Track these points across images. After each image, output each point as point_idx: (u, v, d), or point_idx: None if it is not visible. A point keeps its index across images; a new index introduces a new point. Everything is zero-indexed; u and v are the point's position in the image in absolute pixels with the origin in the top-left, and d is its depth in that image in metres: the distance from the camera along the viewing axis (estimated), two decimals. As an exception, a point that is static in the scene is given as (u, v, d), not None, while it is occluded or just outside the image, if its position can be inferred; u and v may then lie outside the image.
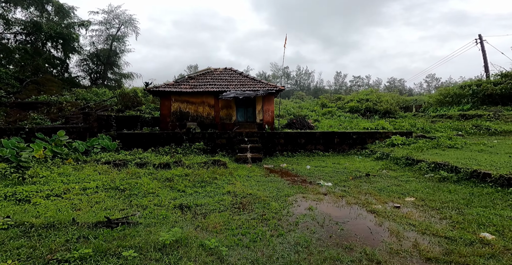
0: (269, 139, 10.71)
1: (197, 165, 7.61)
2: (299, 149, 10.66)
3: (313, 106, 23.76)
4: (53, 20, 26.83)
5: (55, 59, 29.65)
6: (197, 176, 6.53)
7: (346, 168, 7.90)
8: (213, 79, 13.10)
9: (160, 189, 5.57)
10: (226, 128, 12.06)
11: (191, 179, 6.29)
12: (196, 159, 8.34)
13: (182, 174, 6.60)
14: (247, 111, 12.56)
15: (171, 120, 11.86)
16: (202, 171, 6.98)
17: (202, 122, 12.00)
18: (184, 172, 6.80)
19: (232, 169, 7.67)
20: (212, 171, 6.99)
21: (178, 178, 6.30)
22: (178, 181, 6.09)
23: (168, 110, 11.85)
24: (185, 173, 6.72)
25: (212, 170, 7.10)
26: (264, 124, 12.12)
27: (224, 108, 12.15)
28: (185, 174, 6.65)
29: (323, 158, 9.87)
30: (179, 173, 6.62)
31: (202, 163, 7.81)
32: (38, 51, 23.29)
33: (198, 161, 8.14)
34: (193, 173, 6.78)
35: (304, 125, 12.24)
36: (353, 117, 19.49)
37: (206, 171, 7.07)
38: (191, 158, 8.51)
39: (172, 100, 11.86)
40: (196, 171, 7.03)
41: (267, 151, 10.63)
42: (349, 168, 7.84)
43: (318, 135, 10.68)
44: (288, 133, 10.72)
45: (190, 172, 6.85)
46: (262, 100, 12.25)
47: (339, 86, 79.71)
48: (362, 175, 6.88)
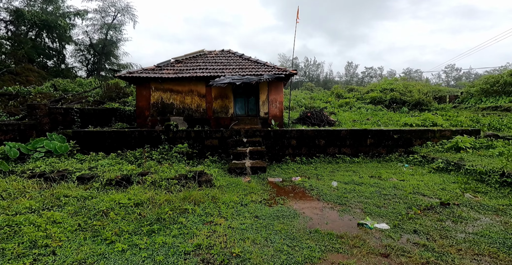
0: (277, 140, 7.95)
1: (166, 182, 5.00)
2: (317, 154, 7.87)
3: (326, 97, 20.67)
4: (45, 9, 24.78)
5: (50, 49, 27.78)
6: (154, 207, 3.91)
7: (397, 186, 5.10)
8: (205, 62, 10.33)
9: (70, 236, 3.01)
10: (221, 124, 9.38)
11: (142, 214, 3.69)
12: (171, 171, 5.73)
13: (131, 203, 3.99)
14: (248, 102, 9.80)
15: (150, 114, 9.27)
16: (169, 196, 4.35)
17: (190, 116, 9.35)
18: (138, 197, 4.18)
19: (219, 188, 5.02)
20: (184, 196, 4.35)
21: (119, 212, 3.69)
22: (114, 220, 3.49)
23: (146, 101, 9.24)
24: (139, 199, 4.11)
25: (185, 193, 4.45)
26: (269, 118, 9.36)
27: (218, 99, 9.44)
28: (136, 202, 4.04)
29: (352, 166, 7.07)
30: (126, 201, 4.00)
31: (177, 178, 5.19)
32: (21, 40, 21.07)
33: (172, 173, 5.52)
34: (152, 199, 4.16)
35: (322, 120, 9.41)
36: (376, 109, 16.38)
37: (175, 195, 4.45)
38: (164, 169, 5.91)
39: (151, 89, 9.23)
40: (159, 194, 4.41)
41: (273, 156, 7.89)
42: (402, 187, 5.04)
43: (344, 135, 7.84)
44: (303, 131, 7.93)
45: (148, 197, 4.24)
46: (268, 88, 9.43)
47: (350, 77, 75.77)
48: (434, 204, 4.11)
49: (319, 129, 7.90)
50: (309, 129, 8.03)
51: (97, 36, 30.88)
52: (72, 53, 30.78)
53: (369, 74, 75.03)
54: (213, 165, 7.30)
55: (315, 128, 8.19)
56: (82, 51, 30.96)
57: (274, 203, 4.53)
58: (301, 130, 7.96)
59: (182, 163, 7.13)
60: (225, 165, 7.23)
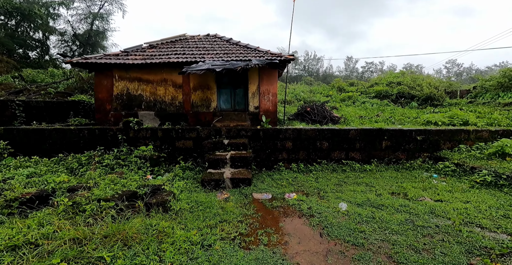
0: (268, 141, 6.29)
1: (97, 205, 3.32)
2: (318, 159, 6.24)
3: (327, 90, 18.95)
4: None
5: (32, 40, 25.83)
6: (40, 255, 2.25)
7: (435, 211, 3.50)
8: (184, 47, 8.53)
9: None
10: (202, 121, 7.68)
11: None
12: (116, 185, 4.05)
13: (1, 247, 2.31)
14: (234, 94, 8.08)
15: (113, 108, 7.52)
16: (83, 231, 2.68)
17: (163, 110, 7.63)
18: (23, 234, 2.51)
19: (177, 214, 3.39)
20: (109, 231, 2.70)
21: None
22: None
23: (107, 92, 7.48)
24: (24, 239, 2.44)
25: (113, 227, 2.79)
26: (260, 114, 7.68)
27: (198, 90, 7.71)
28: (9, 246, 2.37)
29: (364, 176, 5.45)
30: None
31: (116, 198, 3.52)
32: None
33: (117, 189, 3.85)
34: (47, 238, 2.50)
35: (325, 116, 7.75)
36: (382, 104, 14.75)
37: (97, 228, 2.78)
38: (108, 181, 4.23)
39: (114, 78, 7.45)
40: (70, 227, 2.75)
41: (263, 161, 6.24)
42: (444, 212, 3.42)
43: (353, 135, 6.19)
44: (301, 131, 6.26)
45: (43, 233, 2.57)
46: (259, 77, 7.70)
47: (350, 72, 74.32)
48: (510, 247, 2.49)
49: (322, 128, 6.24)
50: (308, 128, 6.36)
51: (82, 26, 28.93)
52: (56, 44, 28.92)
53: (369, 69, 73.63)
54: (184, 173, 5.64)
55: (316, 127, 6.53)
56: (67, 41, 29.03)
57: (255, 242, 2.92)
58: (298, 129, 6.29)
59: (143, 170, 5.47)
60: (199, 174, 5.57)
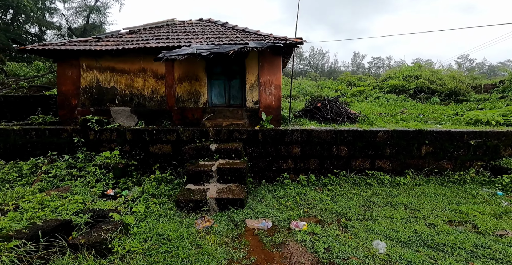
0: (269, 146, 4.86)
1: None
2: (334, 169, 4.79)
3: (336, 85, 17.34)
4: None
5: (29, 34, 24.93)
6: None
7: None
8: (170, 32, 7.07)
9: None
10: (188, 118, 6.30)
11: None
12: (43, 211, 2.70)
13: None
14: (229, 87, 6.64)
15: (80, 104, 6.18)
16: None
17: (141, 106, 6.26)
18: None
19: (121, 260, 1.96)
20: None
21: None
22: None
23: (73, 85, 6.12)
24: None
25: None
26: (261, 110, 6.26)
27: (184, 81, 6.30)
28: None
29: (399, 193, 3.99)
30: None
31: (26, 232, 2.15)
32: None
33: (34, 218, 2.50)
34: None
35: (340, 113, 6.26)
36: (398, 99, 13.14)
37: None
38: (35, 204, 2.89)
39: (82, 68, 6.08)
40: None
41: (262, 171, 4.84)
42: None
43: (382, 139, 4.70)
44: (312, 132, 4.80)
45: None
46: (259, 66, 6.25)
47: (356, 68, 72.33)
48: None
49: (340, 130, 4.76)
50: (322, 129, 4.89)
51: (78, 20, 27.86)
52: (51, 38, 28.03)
53: (376, 64, 71.61)
54: (158, 188, 4.27)
55: (332, 127, 5.06)
56: (63, 36, 28.10)
57: None
58: (309, 130, 4.84)
59: (102, 183, 4.12)
60: (178, 189, 4.20)
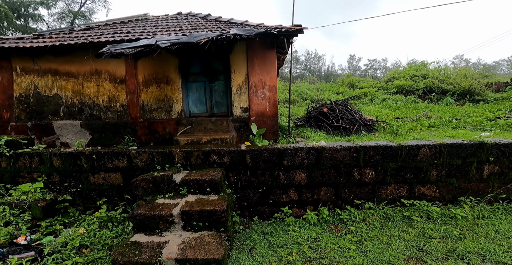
0: (262, 171, 3.39)
1: None
2: (356, 199, 3.32)
3: (336, 87, 16.06)
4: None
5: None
6: None
7: None
8: (136, 27, 5.68)
9: None
10: (159, 133, 4.85)
11: None
12: None
13: None
14: (211, 91, 5.22)
15: (14, 117, 4.71)
16: None
17: (94, 118, 4.81)
18: None
19: None
20: None
21: None
22: None
23: (4, 93, 4.66)
24: None
25: None
26: (251, 120, 4.84)
27: (152, 85, 4.88)
28: None
29: (461, 233, 2.49)
30: None
31: None
32: None
33: None
34: None
35: (353, 119, 4.83)
36: (407, 100, 11.87)
37: None
38: None
39: (15, 71, 4.65)
40: None
41: (254, 205, 3.35)
42: None
43: (426, 156, 3.25)
44: (323, 151, 3.32)
45: None
46: (247, 62, 4.86)
47: (353, 70, 72.23)
48: None
49: (364, 146, 3.29)
50: (337, 145, 3.44)
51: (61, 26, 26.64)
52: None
53: (372, 66, 71.60)
54: (97, 234, 2.79)
55: (351, 143, 3.60)
56: (46, 43, 26.88)
57: None
58: (318, 148, 3.38)
59: (15, 227, 2.63)
60: (130, 235, 2.70)
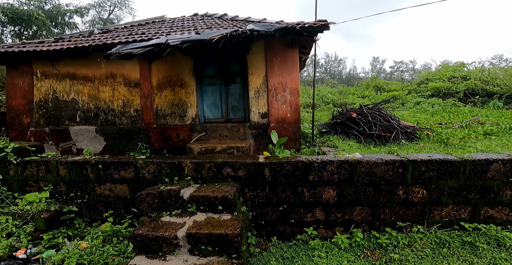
0: (282, 187, 2.90)
1: None
2: (400, 221, 2.66)
3: (361, 90, 15.05)
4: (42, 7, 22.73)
5: None
6: None
7: None
8: (152, 29, 5.57)
9: None
10: (172, 139, 4.58)
11: None
12: None
13: None
14: (227, 94, 4.87)
15: (33, 123, 4.73)
16: None
17: (109, 124, 4.67)
18: None
19: None
20: None
21: None
22: None
23: (24, 98, 4.73)
24: None
25: None
26: (270, 126, 4.38)
27: (166, 88, 4.65)
28: None
29: None
30: None
31: None
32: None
33: None
34: None
35: (390, 126, 4.15)
36: (446, 104, 10.59)
37: None
38: None
39: (35, 75, 4.70)
40: None
41: (273, 224, 2.83)
42: None
43: (497, 172, 2.48)
44: (359, 165, 2.72)
45: None
46: (266, 62, 4.44)
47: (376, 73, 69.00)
48: None
49: (413, 160, 2.64)
50: (377, 158, 2.82)
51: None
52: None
53: (398, 68, 67.79)
54: (99, 251, 2.49)
55: (395, 155, 2.96)
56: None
57: None
58: (352, 162, 2.80)
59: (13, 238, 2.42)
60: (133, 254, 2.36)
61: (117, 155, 4.66)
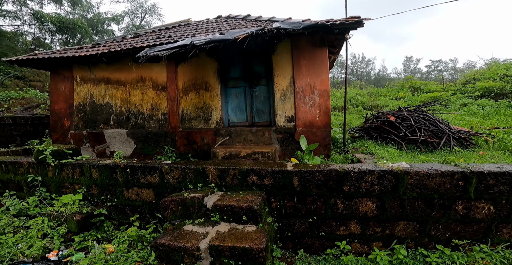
0: (310, 197, 2.63)
1: None
2: (456, 237, 2.19)
3: (394, 91, 13.93)
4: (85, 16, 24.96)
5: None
6: None
7: None
8: (178, 31, 5.67)
9: None
10: (196, 143, 4.56)
11: None
12: None
13: None
14: (251, 97, 4.73)
15: (73, 126, 5.06)
16: None
17: (139, 127, 4.82)
18: None
19: None
20: None
21: None
22: None
23: (66, 102, 5.09)
24: None
25: None
26: (298, 131, 4.13)
27: (191, 91, 4.67)
28: None
29: None
30: None
31: None
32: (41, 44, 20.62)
33: None
34: None
35: (438, 131, 3.62)
36: (499, 105, 9.26)
37: None
38: None
39: (75, 80, 5.05)
40: None
41: (298, 236, 2.55)
42: None
43: None
44: (406, 176, 2.31)
45: None
46: (293, 62, 4.22)
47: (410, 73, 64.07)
48: None
49: (479, 171, 2.20)
50: (429, 168, 2.41)
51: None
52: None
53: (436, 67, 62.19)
54: (123, 256, 2.48)
55: (451, 165, 2.53)
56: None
57: None
58: (396, 172, 2.45)
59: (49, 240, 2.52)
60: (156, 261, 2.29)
61: (145, 158, 4.77)
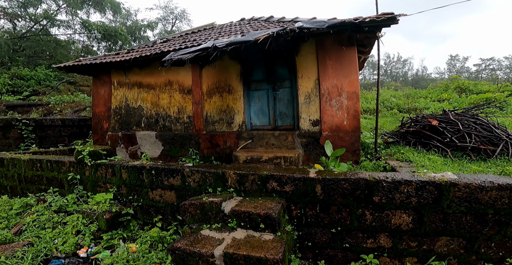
0: (334, 206, 2.41)
1: None
2: (509, 255, 1.81)
3: (436, 93, 12.57)
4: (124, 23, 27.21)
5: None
6: None
7: None
8: (203, 35, 5.81)
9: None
10: (219, 146, 4.58)
11: None
12: None
13: None
14: (274, 100, 4.62)
15: (110, 127, 5.48)
16: None
17: (167, 129, 5.02)
18: None
19: None
20: None
21: None
22: None
23: (105, 105, 5.54)
24: None
25: None
26: (323, 135, 3.89)
27: (215, 94, 4.73)
28: None
29: None
30: None
31: None
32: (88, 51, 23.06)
33: None
34: None
35: (493, 137, 3.09)
36: None
37: None
38: None
39: (113, 84, 5.49)
40: None
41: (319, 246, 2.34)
42: None
43: None
44: (452, 188, 2.00)
45: None
46: (318, 63, 4.02)
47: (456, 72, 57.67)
48: None
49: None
50: (483, 180, 2.06)
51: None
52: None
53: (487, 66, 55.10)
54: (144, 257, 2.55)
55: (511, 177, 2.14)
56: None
57: None
58: (443, 183, 2.12)
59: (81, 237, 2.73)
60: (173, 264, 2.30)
61: (171, 160, 4.95)
